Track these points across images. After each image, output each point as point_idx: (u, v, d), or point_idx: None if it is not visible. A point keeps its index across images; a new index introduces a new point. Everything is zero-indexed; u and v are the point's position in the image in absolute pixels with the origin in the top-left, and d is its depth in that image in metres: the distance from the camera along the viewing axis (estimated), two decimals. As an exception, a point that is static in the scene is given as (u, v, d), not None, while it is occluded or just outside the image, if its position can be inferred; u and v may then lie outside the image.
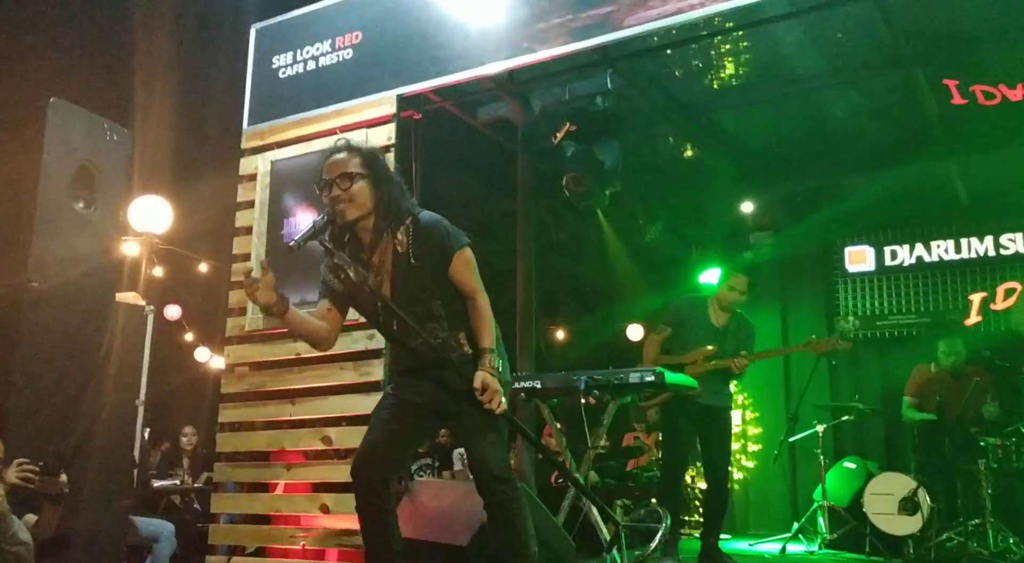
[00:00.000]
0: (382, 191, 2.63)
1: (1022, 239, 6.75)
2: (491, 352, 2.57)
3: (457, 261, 2.64)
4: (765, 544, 5.87)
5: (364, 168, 2.63)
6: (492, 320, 2.65)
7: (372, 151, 2.73)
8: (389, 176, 2.68)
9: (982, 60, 5.23)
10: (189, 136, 7.03)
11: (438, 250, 2.63)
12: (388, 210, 2.63)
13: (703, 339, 4.45)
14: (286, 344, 4.02)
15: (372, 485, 2.64)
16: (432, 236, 2.64)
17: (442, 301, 2.63)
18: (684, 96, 5.88)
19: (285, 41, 4.48)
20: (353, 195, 2.59)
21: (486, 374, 2.52)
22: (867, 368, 7.29)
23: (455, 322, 2.64)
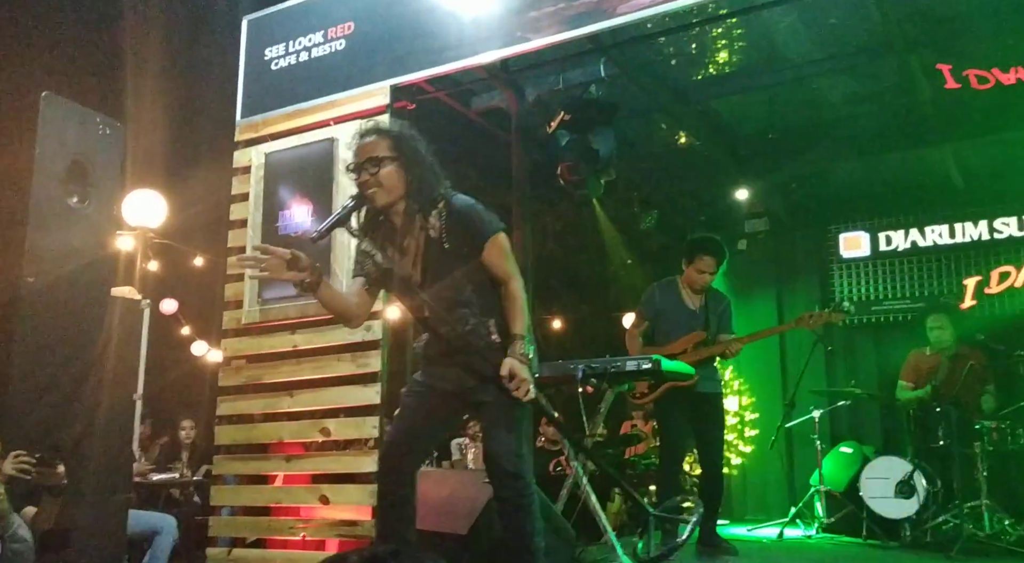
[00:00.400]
0: (412, 174, 2.57)
1: (1016, 223, 6.77)
2: (522, 339, 2.53)
3: (491, 246, 2.59)
4: (763, 529, 5.91)
5: (392, 151, 2.57)
6: (525, 307, 2.60)
7: (401, 133, 2.64)
8: (420, 158, 2.61)
9: (975, 44, 5.23)
10: (182, 129, 7.00)
11: (471, 235, 2.59)
12: (419, 194, 2.57)
13: (683, 325, 4.44)
14: (283, 336, 4.02)
15: (399, 474, 2.64)
16: (466, 220, 2.59)
17: (473, 287, 2.60)
18: (678, 83, 5.87)
19: (277, 32, 4.46)
20: (381, 180, 2.55)
21: (515, 361, 2.47)
22: (863, 353, 7.33)
23: (486, 308, 2.60)
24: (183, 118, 6.88)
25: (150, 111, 6.47)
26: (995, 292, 6.77)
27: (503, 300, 2.60)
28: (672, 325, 4.47)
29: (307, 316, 3.96)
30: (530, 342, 2.57)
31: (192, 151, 6.98)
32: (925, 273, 7.08)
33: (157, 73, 6.47)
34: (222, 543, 4.04)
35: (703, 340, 4.39)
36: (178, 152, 7.01)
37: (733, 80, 5.85)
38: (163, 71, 6.50)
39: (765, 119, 6.44)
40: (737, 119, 6.49)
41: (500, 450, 2.59)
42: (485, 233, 2.60)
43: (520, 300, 2.59)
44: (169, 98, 6.66)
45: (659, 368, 3.75)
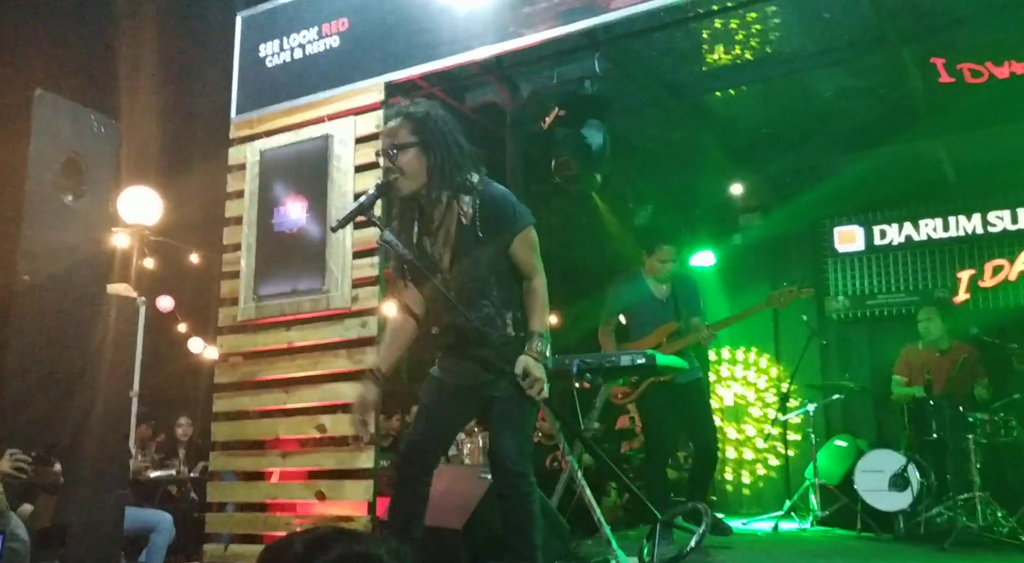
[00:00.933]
0: (435, 158, 2.50)
1: (1010, 217, 6.79)
2: (540, 336, 2.50)
3: (521, 238, 2.57)
4: (758, 522, 5.93)
5: (414, 136, 2.51)
6: (546, 304, 2.58)
7: (426, 115, 2.55)
8: (444, 142, 2.53)
9: (968, 38, 5.24)
10: (177, 126, 7.00)
11: (504, 225, 2.56)
12: (443, 179, 2.51)
13: (652, 316, 4.45)
14: (279, 333, 4.03)
15: (420, 472, 2.66)
16: (499, 209, 2.56)
17: (496, 278, 2.58)
18: (672, 78, 5.87)
19: (271, 29, 4.46)
20: (403, 167, 2.51)
21: (530, 359, 2.45)
22: (857, 347, 7.35)
23: (506, 301, 2.58)
24: (178, 115, 6.87)
25: (145, 108, 6.47)
26: (989, 285, 6.80)
27: (525, 295, 2.58)
28: (644, 318, 4.49)
29: (302, 313, 3.98)
30: (547, 340, 2.54)
31: (187, 148, 6.98)
32: (919, 267, 7.10)
33: (151, 70, 6.46)
34: (219, 539, 4.05)
35: (675, 330, 4.39)
36: (173, 149, 7.01)
37: (727, 75, 5.85)
38: (158, 68, 6.49)
39: (759, 114, 6.45)
40: (731, 114, 6.49)
41: (508, 448, 2.58)
42: (518, 224, 2.57)
43: (543, 297, 2.56)
44: (164, 95, 6.65)
45: (654, 363, 3.76)
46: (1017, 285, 6.69)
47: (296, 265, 4.00)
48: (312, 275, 3.95)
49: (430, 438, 2.70)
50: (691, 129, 6.53)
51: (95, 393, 3.44)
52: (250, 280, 4.15)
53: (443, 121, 2.58)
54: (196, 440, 6.37)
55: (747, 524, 5.95)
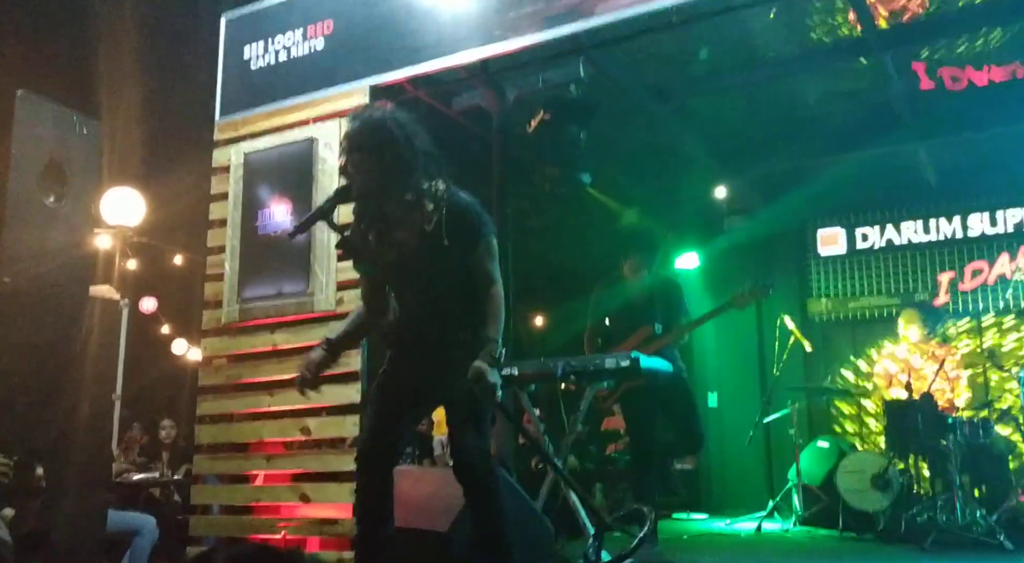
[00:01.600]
0: (391, 162, 2.50)
1: (988, 220, 6.89)
2: (494, 342, 2.52)
3: (482, 247, 2.60)
4: (742, 523, 5.97)
5: (375, 139, 2.51)
6: (502, 311, 2.59)
7: (382, 120, 2.54)
8: (400, 146, 2.52)
9: (949, 45, 5.31)
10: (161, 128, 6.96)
11: (467, 232, 2.58)
12: (399, 183, 2.51)
13: (630, 320, 4.48)
14: (263, 336, 4.02)
15: (375, 470, 2.66)
16: (465, 218, 2.58)
17: (456, 284, 2.61)
18: (657, 82, 5.91)
19: (256, 31, 4.45)
20: (361, 168, 2.50)
21: (483, 364, 2.46)
22: (839, 349, 7.42)
23: (464, 307, 2.61)
24: (161, 116, 6.83)
25: (128, 109, 6.43)
26: (968, 288, 6.89)
27: (483, 302, 2.59)
28: (622, 322, 4.52)
29: (287, 315, 3.97)
30: (501, 346, 2.56)
31: (171, 149, 6.94)
32: (900, 269, 7.18)
33: (135, 71, 6.42)
34: (203, 543, 4.04)
35: (649, 335, 4.42)
36: (156, 150, 6.97)
37: (711, 79, 5.90)
38: (141, 69, 6.45)
39: (743, 117, 6.50)
40: (715, 117, 6.54)
41: (469, 444, 2.62)
42: (480, 233, 2.60)
43: (499, 304, 2.59)
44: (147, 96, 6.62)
45: (638, 365, 3.78)
46: (996, 288, 6.78)
47: (281, 268, 4.00)
48: (297, 278, 3.95)
49: (382, 435, 2.69)
50: (676, 133, 6.58)
51: (78, 396, 3.41)
52: (234, 282, 4.14)
53: (401, 126, 2.56)
54: (180, 443, 6.33)
55: (731, 524, 6.00)
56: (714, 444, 7.64)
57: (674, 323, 4.48)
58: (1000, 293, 6.75)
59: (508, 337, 5.46)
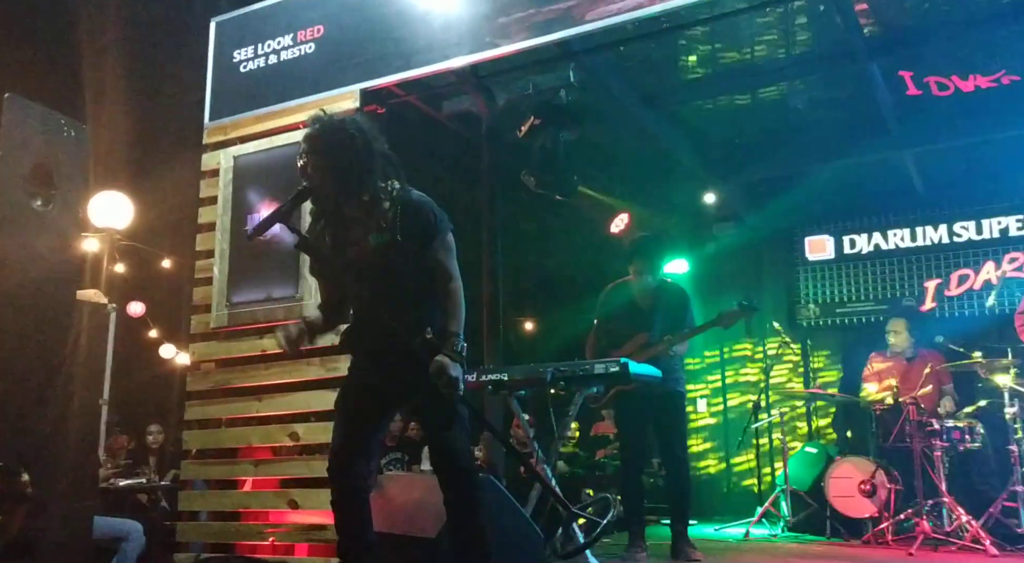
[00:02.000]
0: (338, 165, 2.55)
1: (975, 227, 6.95)
2: (456, 336, 2.54)
3: (439, 244, 2.63)
4: (730, 528, 5.99)
5: (317, 143, 2.57)
6: (462, 307, 2.62)
7: (339, 123, 2.60)
8: (355, 149, 2.57)
9: (935, 52, 5.36)
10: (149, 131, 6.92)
11: (423, 229, 2.61)
12: (354, 184, 2.57)
13: (630, 325, 4.47)
14: (251, 341, 4.01)
15: (348, 477, 2.65)
16: (419, 214, 2.62)
17: (415, 283, 2.63)
18: (647, 89, 5.94)
19: (246, 35, 4.44)
20: (316, 170, 2.56)
21: (445, 359, 2.49)
22: (827, 354, 7.46)
23: (425, 306, 2.63)
24: (150, 120, 6.80)
25: (116, 112, 6.40)
26: (954, 294, 6.94)
27: (443, 298, 2.62)
28: (623, 327, 4.51)
29: (275, 320, 3.95)
30: (463, 341, 2.57)
31: (159, 153, 6.91)
32: (887, 276, 7.23)
33: (123, 74, 6.40)
34: (190, 549, 4.01)
35: (646, 341, 4.43)
36: (145, 154, 6.93)
37: (700, 86, 5.93)
38: (129, 72, 6.42)
39: (732, 124, 6.54)
40: (705, 124, 6.58)
41: (453, 447, 2.61)
42: (436, 230, 2.63)
43: (459, 300, 2.61)
44: (135, 99, 6.59)
45: (627, 371, 3.78)
46: (982, 294, 6.83)
47: (270, 272, 3.99)
48: (286, 282, 3.94)
49: (352, 441, 2.69)
50: (665, 139, 6.61)
51: (65, 401, 3.39)
52: (223, 287, 4.13)
53: (356, 129, 2.61)
54: (167, 448, 6.29)
55: (719, 530, 6.00)
56: (705, 449, 7.68)
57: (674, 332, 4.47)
58: (986, 299, 6.79)
59: (497, 343, 5.50)
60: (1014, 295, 6.39)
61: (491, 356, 5.31)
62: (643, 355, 4.35)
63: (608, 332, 4.60)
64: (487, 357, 5.26)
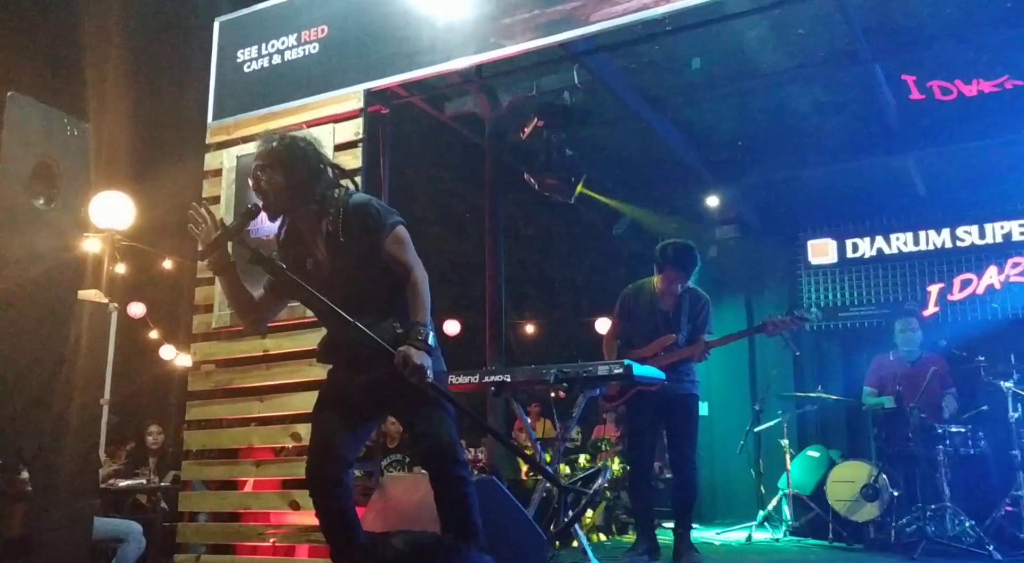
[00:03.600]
0: (293, 179, 2.63)
1: (977, 231, 6.94)
2: (420, 325, 2.54)
3: (389, 239, 2.64)
4: (732, 532, 5.97)
5: (273, 158, 2.65)
6: (427, 295, 2.62)
7: (283, 139, 2.69)
8: (304, 160, 2.66)
9: (938, 56, 5.35)
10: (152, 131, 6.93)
11: (367, 227, 2.63)
12: (304, 194, 2.64)
13: (654, 327, 4.45)
14: (253, 341, 3.99)
15: (326, 483, 2.64)
16: (360, 214, 2.64)
17: (379, 284, 2.64)
18: (650, 91, 5.93)
19: (250, 35, 4.43)
20: (265, 188, 2.64)
21: (410, 348, 2.48)
22: (830, 358, 7.46)
23: (389, 303, 2.63)
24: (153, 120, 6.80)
25: (119, 112, 6.39)
26: (957, 299, 6.93)
27: (407, 290, 2.62)
28: (644, 328, 4.47)
29: (277, 320, 3.94)
30: (429, 328, 2.57)
31: (162, 153, 6.91)
32: (890, 280, 7.22)
33: (126, 74, 6.40)
34: (190, 550, 3.99)
35: (673, 343, 4.40)
36: (147, 154, 6.93)
37: (703, 88, 5.92)
38: (133, 72, 6.43)
39: (735, 127, 6.53)
40: (708, 126, 6.57)
41: (444, 441, 2.59)
42: (381, 224, 2.64)
43: (422, 288, 2.61)
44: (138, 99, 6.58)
45: (630, 373, 3.77)
46: (985, 299, 6.81)
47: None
48: (288, 283, 3.92)
49: (330, 446, 2.68)
50: (668, 140, 6.60)
51: (66, 400, 3.38)
52: (225, 287, 4.11)
53: (303, 142, 2.72)
54: (167, 448, 6.28)
55: (721, 534, 5.99)
56: (704, 453, 7.65)
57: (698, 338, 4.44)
58: (989, 303, 6.79)
59: (499, 344, 5.48)
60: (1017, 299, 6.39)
61: (493, 358, 5.29)
62: (671, 357, 4.33)
63: (626, 332, 4.58)
64: (489, 359, 5.25)
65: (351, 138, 3.96)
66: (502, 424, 5.43)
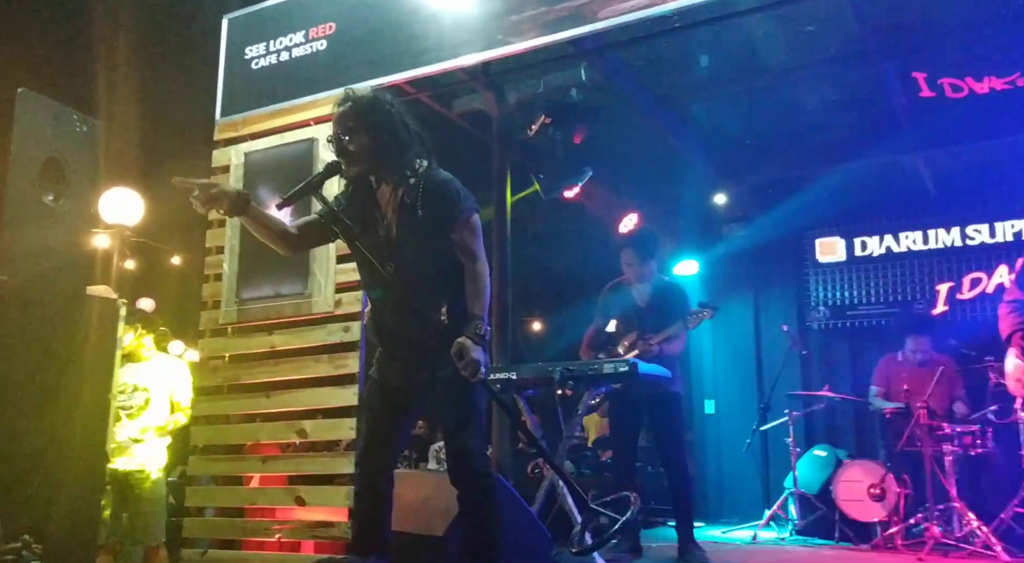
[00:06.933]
0: (378, 145, 2.57)
1: (987, 230, 6.89)
2: (480, 320, 2.49)
3: (463, 223, 2.60)
4: (737, 531, 5.96)
5: (360, 121, 2.58)
6: (488, 288, 2.58)
7: (372, 102, 2.62)
8: (391, 126, 2.60)
9: (950, 54, 5.32)
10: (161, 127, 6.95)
11: (446, 206, 2.59)
12: (389, 161, 2.59)
13: (625, 324, 4.47)
14: (261, 337, 4.01)
15: (375, 476, 2.66)
16: (442, 191, 2.60)
17: (438, 265, 2.60)
18: (658, 88, 5.92)
19: (258, 32, 4.44)
20: (349, 149, 2.57)
21: (468, 340, 2.44)
22: (837, 357, 7.42)
23: (446, 290, 2.59)
24: (162, 116, 6.83)
25: (128, 108, 6.42)
26: (966, 298, 6.88)
27: (467, 280, 2.58)
28: (622, 325, 4.51)
29: (285, 317, 3.95)
30: (486, 324, 2.53)
31: (170, 149, 6.93)
32: (899, 279, 7.18)
33: (135, 70, 6.42)
34: (197, 544, 4.01)
35: (635, 341, 4.42)
36: (156, 150, 6.96)
37: (712, 86, 5.90)
38: (141, 69, 6.45)
39: (743, 124, 6.50)
40: (715, 124, 6.54)
41: (470, 448, 2.59)
42: (460, 207, 2.60)
43: (483, 281, 2.57)
44: (147, 95, 6.61)
45: (636, 371, 3.77)
46: (994, 298, 6.76)
47: (279, 269, 3.98)
48: (295, 279, 3.93)
49: (378, 439, 2.70)
50: (676, 139, 6.58)
51: (74, 395, 3.40)
52: (233, 283, 4.13)
53: (390, 105, 2.65)
54: (174, 444, 6.29)
55: (727, 533, 5.98)
56: (711, 451, 7.64)
57: None
58: (999, 303, 6.74)
59: (506, 342, 5.48)
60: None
61: (499, 355, 5.29)
62: (630, 355, 4.34)
63: (608, 334, 4.60)
64: (495, 356, 5.25)
65: (358, 135, 3.96)
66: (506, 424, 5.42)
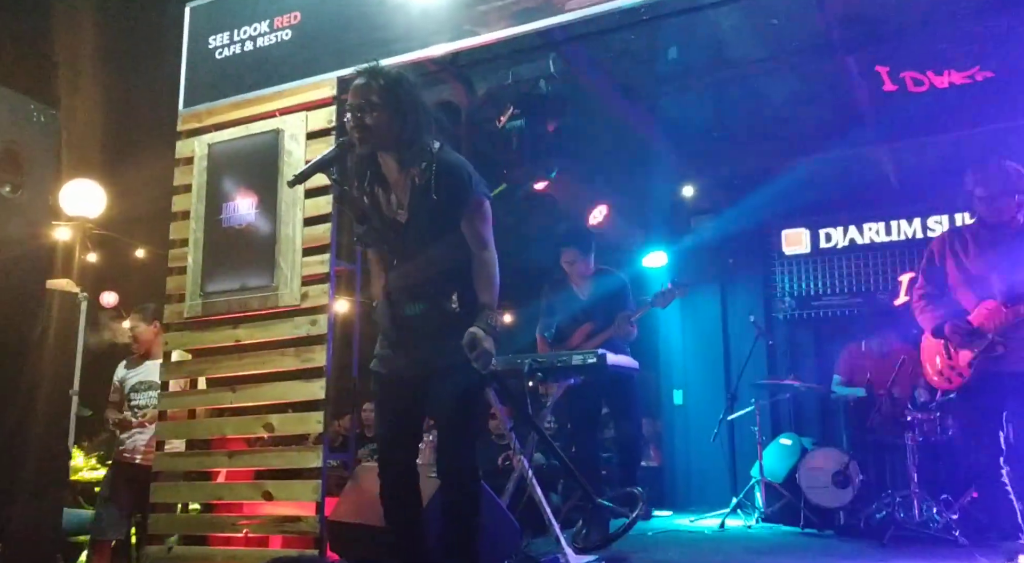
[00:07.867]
0: (399, 123, 2.53)
1: (948, 222, 7.02)
2: (490, 309, 2.48)
3: (475, 209, 2.57)
4: (705, 519, 6.03)
5: (382, 97, 2.53)
6: (496, 277, 2.55)
7: (395, 79, 2.58)
8: (412, 107, 2.56)
9: (911, 48, 5.40)
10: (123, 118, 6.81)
11: (458, 191, 2.55)
12: (409, 143, 2.54)
13: (571, 316, 4.53)
14: (225, 331, 3.97)
15: (394, 465, 2.64)
16: (455, 174, 2.56)
17: (449, 252, 2.56)
18: (626, 80, 5.93)
19: (221, 20, 4.38)
20: (366, 125, 2.51)
21: (479, 331, 2.42)
22: (802, 347, 7.52)
23: (455, 277, 2.57)
24: (123, 106, 6.70)
25: (87, 98, 6.29)
26: (928, 288, 7.00)
27: (476, 268, 2.55)
28: (568, 320, 4.57)
29: (250, 310, 3.92)
30: (495, 314, 2.52)
31: (132, 140, 6.81)
32: (862, 269, 7.29)
33: (96, 59, 6.29)
34: (163, 541, 3.97)
35: (591, 330, 4.47)
36: (118, 141, 6.83)
37: (679, 78, 5.93)
38: (102, 57, 6.31)
39: (711, 117, 6.54)
40: (683, 116, 6.58)
41: (459, 447, 2.57)
42: (470, 192, 2.56)
43: (492, 270, 2.55)
44: (108, 85, 6.48)
45: (604, 363, 3.79)
46: (955, 288, 6.90)
47: (245, 261, 3.94)
48: (261, 272, 3.90)
49: (394, 429, 2.68)
50: (644, 131, 6.61)
51: (35, 391, 3.34)
52: (197, 276, 4.08)
53: (412, 85, 2.62)
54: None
55: (694, 521, 6.04)
56: (680, 441, 7.72)
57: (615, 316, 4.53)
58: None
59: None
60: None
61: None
62: (595, 342, 4.39)
63: (556, 331, 4.65)
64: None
65: (324, 126, 3.94)
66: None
